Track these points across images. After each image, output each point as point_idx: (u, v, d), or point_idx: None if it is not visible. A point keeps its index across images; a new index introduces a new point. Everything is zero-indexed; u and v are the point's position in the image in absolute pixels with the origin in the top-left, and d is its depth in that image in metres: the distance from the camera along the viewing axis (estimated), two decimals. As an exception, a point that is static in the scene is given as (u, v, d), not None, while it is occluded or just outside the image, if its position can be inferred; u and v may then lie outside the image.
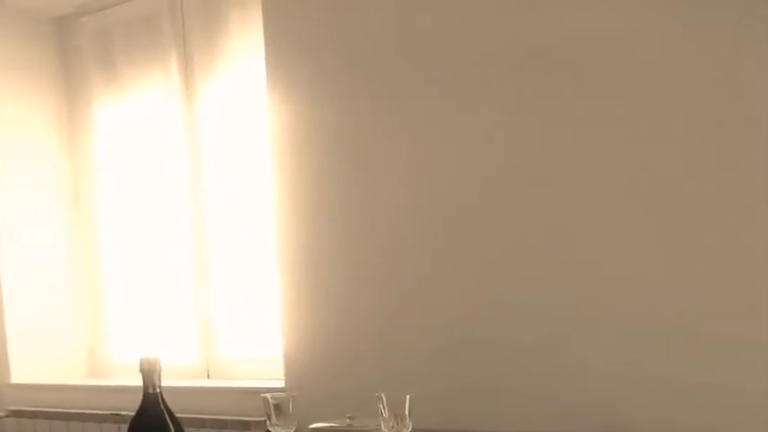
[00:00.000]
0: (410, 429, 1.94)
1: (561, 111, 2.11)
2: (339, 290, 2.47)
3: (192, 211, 3.06)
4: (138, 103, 3.19)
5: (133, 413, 2.11)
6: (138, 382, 2.11)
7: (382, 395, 1.93)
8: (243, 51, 2.89)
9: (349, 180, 2.44)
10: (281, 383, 2.58)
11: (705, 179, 1.95)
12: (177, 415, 2.16)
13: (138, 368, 2.09)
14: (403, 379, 2.31)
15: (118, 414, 2.87)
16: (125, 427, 2.15)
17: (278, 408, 2.10)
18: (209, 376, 3.04)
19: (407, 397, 1.93)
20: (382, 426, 1.95)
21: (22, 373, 3.23)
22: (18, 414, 3.20)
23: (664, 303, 2.00)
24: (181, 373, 2.97)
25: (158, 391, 2.10)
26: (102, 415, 2.96)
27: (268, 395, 2.11)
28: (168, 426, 2.10)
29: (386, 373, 2.35)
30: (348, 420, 2.13)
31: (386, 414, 1.94)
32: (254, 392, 2.38)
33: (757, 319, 1.91)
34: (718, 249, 1.95)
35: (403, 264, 2.35)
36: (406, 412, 1.93)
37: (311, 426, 2.14)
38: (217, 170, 3.00)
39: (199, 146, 3.04)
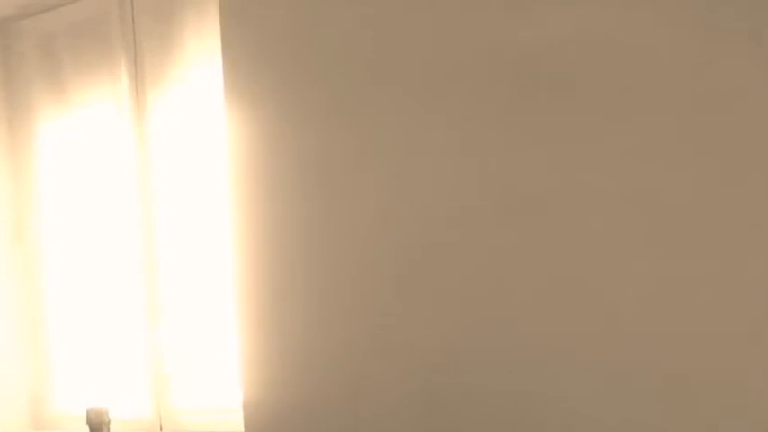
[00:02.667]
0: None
1: (549, 125, 2.10)
2: (304, 331, 2.46)
3: (143, 242, 3.07)
4: (85, 115, 3.20)
5: (78, 470, 2.12)
6: (85, 434, 2.12)
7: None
8: (198, 58, 2.90)
9: (314, 206, 2.44)
10: (240, 437, 2.59)
11: (706, 198, 1.95)
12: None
13: (84, 419, 2.11)
14: (373, 429, 2.31)
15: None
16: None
17: (235, 465, 2.11)
18: (161, 429, 3.03)
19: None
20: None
21: (-44, 424, 3.23)
22: (-49, 471, 3.20)
23: (658, 352, 2.00)
24: (131, 426, 2.97)
25: (107, 444, 2.11)
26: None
27: (225, 451, 2.13)
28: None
29: (355, 424, 2.35)
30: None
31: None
32: (211, 447, 2.39)
33: (760, 372, 1.90)
34: (718, 288, 1.93)
35: (374, 302, 2.35)
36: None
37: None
38: (170, 192, 3.00)
39: (150, 164, 3.04)
